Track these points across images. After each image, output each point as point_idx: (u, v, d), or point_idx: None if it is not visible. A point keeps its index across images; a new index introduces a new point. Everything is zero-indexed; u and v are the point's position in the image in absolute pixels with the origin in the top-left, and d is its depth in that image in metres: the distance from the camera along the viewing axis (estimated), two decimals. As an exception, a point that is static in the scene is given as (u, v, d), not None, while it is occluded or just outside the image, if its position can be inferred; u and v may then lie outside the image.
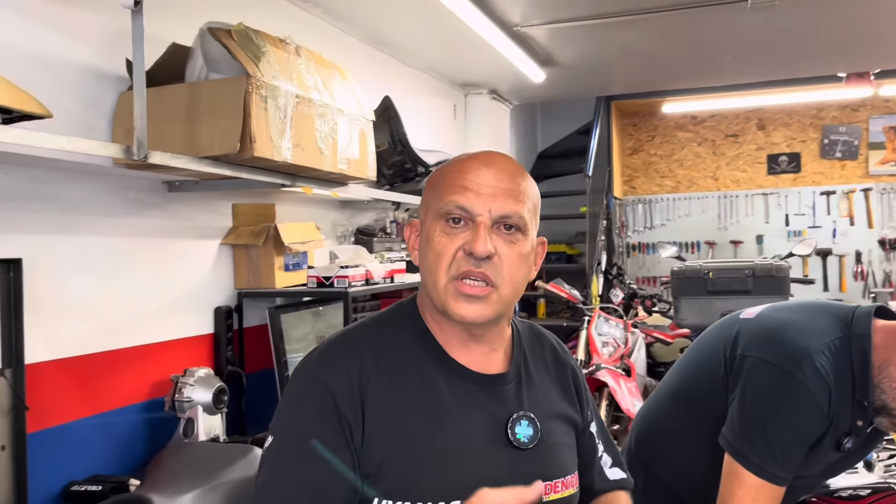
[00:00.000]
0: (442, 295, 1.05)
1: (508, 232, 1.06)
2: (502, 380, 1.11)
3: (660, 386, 1.97)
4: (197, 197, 2.66)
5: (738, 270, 3.40)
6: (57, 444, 2.13)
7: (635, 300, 5.51)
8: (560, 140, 7.38)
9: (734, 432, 1.59)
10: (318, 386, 1.03)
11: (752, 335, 1.65)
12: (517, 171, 1.09)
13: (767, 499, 1.55)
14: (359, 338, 1.10)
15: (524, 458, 1.07)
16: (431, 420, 1.04)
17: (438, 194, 1.07)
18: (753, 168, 7.02)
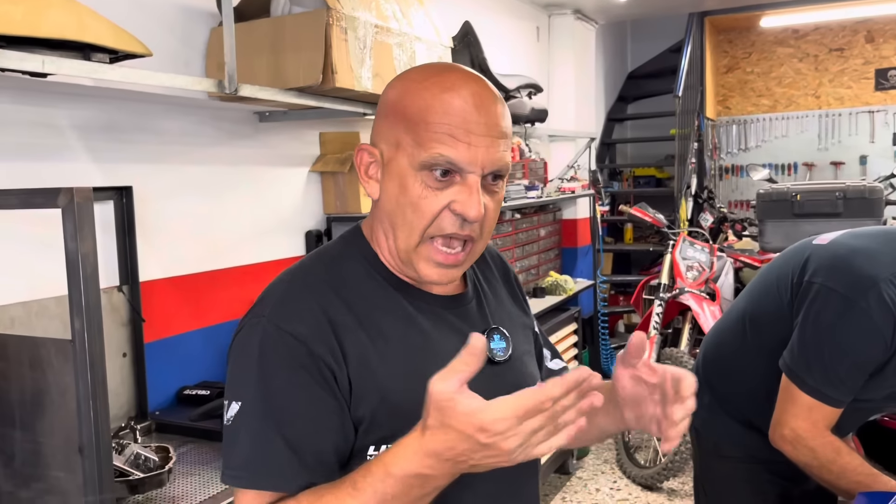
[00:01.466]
0: (412, 254, 0.96)
1: (494, 183, 0.96)
2: (464, 299, 1.06)
3: (729, 308, 2.01)
4: (286, 126, 2.80)
5: (828, 192, 3.29)
6: (170, 352, 2.38)
7: (725, 224, 5.41)
8: (651, 59, 7.14)
9: (793, 355, 1.63)
10: (284, 336, 0.91)
11: (821, 261, 1.65)
12: (501, 105, 0.96)
13: (820, 418, 1.59)
14: (314, 277, 0.98)
15: (501, 371, 1.03)
16: (416, 351, 0.96)
17: (419, 136, 0.92)
18: (859, 84, 6.62)
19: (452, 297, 1.05)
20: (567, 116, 4.85)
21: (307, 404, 0.90)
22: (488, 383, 0.87)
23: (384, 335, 0.96)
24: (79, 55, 1.53)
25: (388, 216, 0.98)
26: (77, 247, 1.37)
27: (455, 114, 0.91)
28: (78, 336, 1.39)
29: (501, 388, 0.85)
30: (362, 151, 1.00)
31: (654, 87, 7.07)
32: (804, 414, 1.61)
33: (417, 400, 0.82)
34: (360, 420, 0.93)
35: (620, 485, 4.08)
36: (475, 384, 0.83)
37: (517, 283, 1.23)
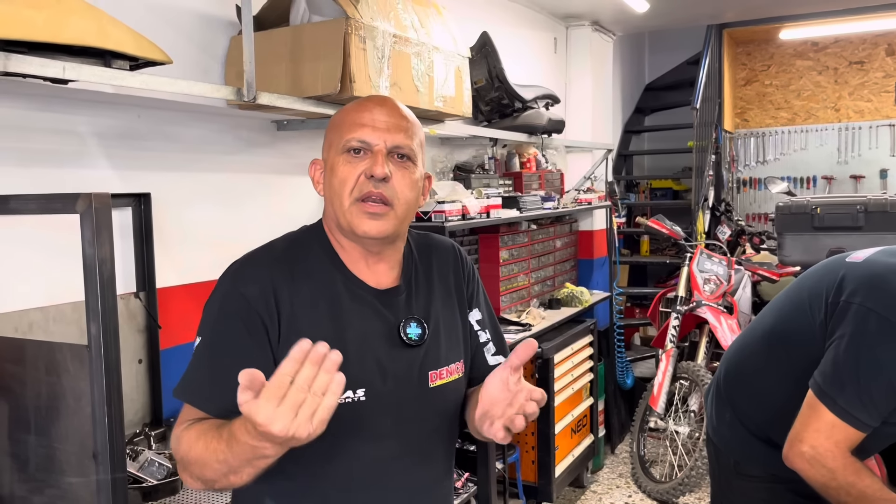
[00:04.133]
0: (347, 215, 1.21)
1: (401, 160, 1.23)
2: (395, 292, 1.28)
3: (753, 324, 1.96)
4: (303, 135, 2.81)
5: (849, 206, 3.25)
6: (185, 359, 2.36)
7: (743, 237, 5.36)
8: (669, 71, 7.12)
9: (825, 376, 1.58)
10: (237, 293, 1.19)
11: (857, 281, 1.61)
12: (405, 112, 1.27)
13: (842, 438, 1.54)
14: (274, 253, 1.26)
15: (414, 353, 1.26)
16: (337, 323, 1.21)
17: (341, 133, 1.24)
18: (879, 97, 6.56)
19: (385, 290, 1.28)
20: (584, 128, 4.84)
21: (236, 348, 1.15)
22: (399, 360, 1.24)
23: (316, 305, 1.21)
24: (99, 62, 1.54)
25: (329, 197, 1.26)
26: (94, 252, 1.37)
27: (365, 110, 1.24)
28: (94, 341, 1.39)
29: (411, 364, 1.25)
30: (313, 164, 1.32)
31: (672, 98, 7.04)
32: (826, 432, 1.55)
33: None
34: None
35: (635, 499, 4.03)
36: (394, 362, 1.24)
37: (463, 281, 1.40)
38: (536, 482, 3.53)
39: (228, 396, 1.02)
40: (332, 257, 1.28)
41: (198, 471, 1.08)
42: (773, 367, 1.81)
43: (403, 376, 1.25)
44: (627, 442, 4.74)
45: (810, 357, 1.67)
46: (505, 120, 3.42)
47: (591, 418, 4.19)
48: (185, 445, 1.11)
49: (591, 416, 4.19)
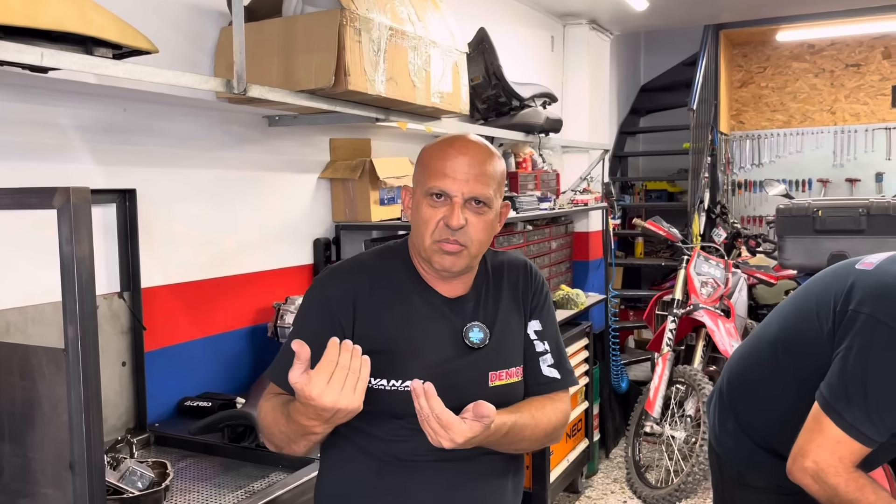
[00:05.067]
0: (428, 251, 1.37)
1: (477, 206, 1.37)
2: (463, 300, 1.44)
3: (757, 330, 1.90)
4: (295, 131, 2.73)
5: (851, 209, 3.20)
6: (171, 362, 2.30)
7: (738, 240, 5.30)
8: (664, 72, 7.07)
9: (831, 388, 1.52)
10: (323, 297, 1.41)
11: (867, 290, 1.54)
12: (486, 157, 1.39)
13: (847, 454, 1.49)
14: (361, 264, 1.45)
15: (476, 355, 1.41)
16: (407, 325, 1.39)
17: (427, 175, 1.38)
18: (876, 100, 6.53)
19: (454, 298, 1.44)
20: (581, 128, 4.77)
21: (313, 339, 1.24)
22: (467, 363, 1.40)
23: (390, 309, 1.40)
24: (81, 49, 1.46)
25: (413, 230, 1.43)
26: (72, 251, 1.29)
27: (448, 158, 1.37)
28: (71, 345, 1.31)
29: (476, 367, 1.41)
30: (405, 190, 1.50)
31: (667, 100, 6.99)
32: (831, 447, 1.50)
33: (397, 353, 1.37)
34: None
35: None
36: (458, 363, 1.40)
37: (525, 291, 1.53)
38: (531, 488, 3.46)
39: None
40: (411, 270, 1.45)
41: (269, 436, 1.36)
42: (778, 375, 1.74)
43: (464, 374, 1.39)
44: (622, 446, 4.68)
45: (817, 366, 1.61)
46: (502, 118, 3.35)
47: (587, 422, 4.13)
48: (262, 414, 1.38)
49: (587, 421, 4.13)
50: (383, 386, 1.36)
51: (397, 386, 1.36)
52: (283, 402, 1.33)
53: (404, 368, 1.36)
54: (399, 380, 1.36)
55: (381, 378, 1.36)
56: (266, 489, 1.73)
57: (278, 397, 1.37)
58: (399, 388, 1.36)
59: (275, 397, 1.38)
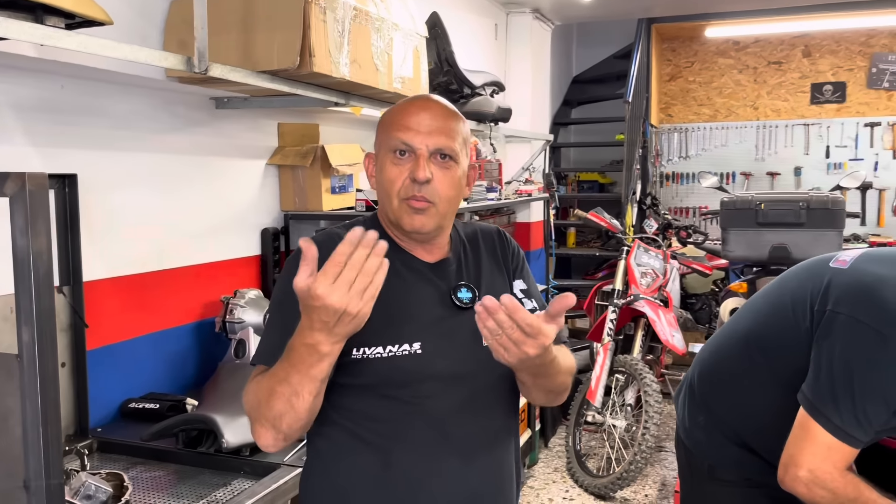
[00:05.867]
0: (396, 212, 1.32)
1: (443, 160, 1.31)
2: (445, 263, 1.39)
3: (729, 326, 1.90)
4: (243, 115, 2.58)
5: (792, 202, 3.28)
6: (114, 361, 2.13)
7: (669, 231, 5.42)
8: (596, 64, 7.15)
9: (815, 391, 1.52)
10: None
11: (844, 289, 1.54)
12: (450, 113, 1.34)
13: (839, 458, 1.49)
14: (338, 234, 1.29)
15: (466, 314, 1.32)
16: (395, 289, 1.28)
17: (388, 133, 1.33)
18: (796, 97, 6.79)
19: (436, 262, 1.39)
20: (523, 117, 4.75)
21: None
22: (452, 320, 1.33)
23: None
24: (30, 17, 1.30)
25: (380, 195, 1.37)
26: (28, 243, 1.15)
27: (410, 114, 1.32)
28: (27, 350, 1.17)
29: (465, 326, 1.27)
30: (368, 157, 1.42)
31: (598, 92, 7.08)
32: (823, 454, 1.49)
33: (388, 318, 1.26)
34: None
35: (573, 494, 4.00)
36: (447, 322, 1.33)
37: (504, 253, 1.50)
38: (479, 481, 3.42)
39: None
40: (388, 239, 1.33)
41: (265, 410, 1.17)
42: (751, 372, 1.74)
43: (457, 335, 1.32)
44: (560, 436, 4.71)
45: (793, 364, 1.61)
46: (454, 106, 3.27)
47: (529, 412, 4.12)
48: (249, 395, 1.23)
49: (529, 411, 4.12)
50: (380, 354, 1.27)
51: (395, 351, 1.28)
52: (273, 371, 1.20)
53: (399, 332, 1.29)
54: (396, 344, 1.28)
55: (376, 345, 1.27)
56: (233, 499, 1.61)
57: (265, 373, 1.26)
58: (398, 352, 1.28)
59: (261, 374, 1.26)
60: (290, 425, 1.17)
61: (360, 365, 1.26)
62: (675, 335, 3.97)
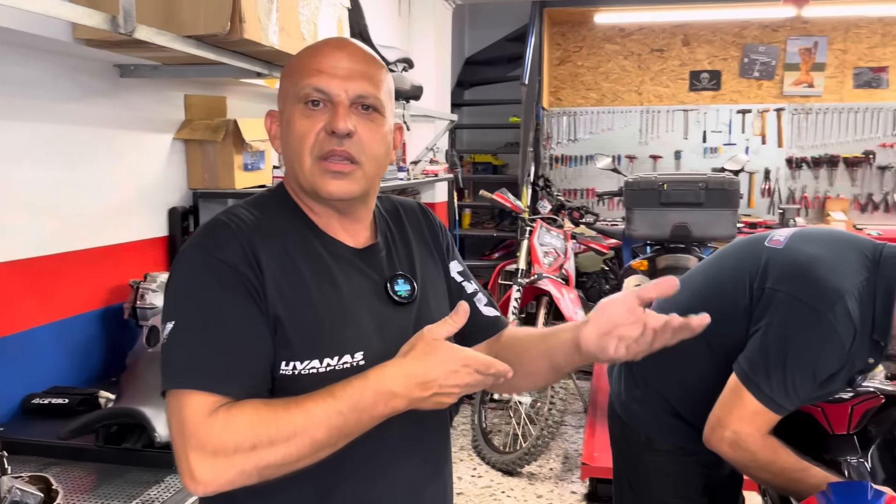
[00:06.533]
0: (309, 176, 1.10)
1: (366, 112, 1.11)
2: (374, 249, 1.19)
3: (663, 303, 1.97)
4: (149, 84, 2.39)
5: (692, 183, 3.45)
6: (12, 354, 1.93)
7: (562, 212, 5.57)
8: (488, 46, 7.20)
9: (751, 362, 1.61)
10: (214, 261, 1.05)
11: (782, 269, 1.65)
12: (371, 56, 1.15)
13: (763, 423, 1.60)
14: (243, 219, 1.11)
15: (405, 311, 1.18)
16: (324, 285, 1.10)
17: (295, 81, 1.11)
18: (676, 84, 7.12)
19: (364, 248, 1.18)
20: (427, 97, 4.70)
21: (239, 317, 1.02)
22: (392, 319, 1.15)
23: (297, 269, 1.09)
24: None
25: (288, 156, 1.14)
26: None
27: (324, 55, 1.11)
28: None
29: (404, 324, 1.15)
30: (268, 116, 1.19)
31: (490, 74, 7.15)
32: (749, 419, 1.60)
33: (322, 324, 1.07)
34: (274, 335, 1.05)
35: (481, 471, 4.04)
36: (387, 322, 1.14)
37: (438, 235, 1.32)
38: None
39: (252, 369, 1.02)
40: (302, 218, 1.17)
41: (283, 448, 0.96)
42: (689, 346, 1.81)
43: (399, 336, 1.11)
44: (463, 414, 4.76)
45: (731, 339, 1.70)
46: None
47: (437, 393, 4.12)
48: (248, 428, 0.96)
49: (437, 391, 4.12)
50: (315, 369, 1.06)
51: (334, 365, 1.07)
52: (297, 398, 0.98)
53: (337, 340, 1.08)
54: (335, 356, 1.07)
55: (310, 358, 1.06)
56: (172, 497, 1.50)
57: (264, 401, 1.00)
58: (337, 366, 1.07)
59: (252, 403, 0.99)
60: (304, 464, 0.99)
61: (290, 382, 1.04)
62: (578, 312, 4.08)
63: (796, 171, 6.92)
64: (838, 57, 6.79)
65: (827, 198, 6.85)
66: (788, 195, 6.94)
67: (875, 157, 6.71)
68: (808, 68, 6.83)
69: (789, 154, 6.91)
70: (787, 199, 6.93)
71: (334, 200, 1.13)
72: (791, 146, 6.91)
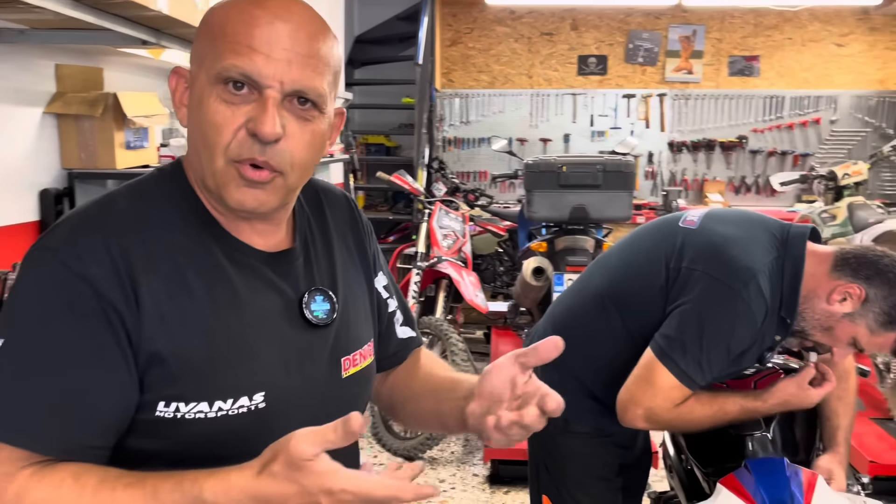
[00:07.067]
0: (219, 177, 0.89)
1: (303, 107, 0.89)
2: (289, 256, 0.99)
3: (581, 284, 1.96)
4: (14, 51, 2.14)
5: (590, 165, 3.49)
6: None
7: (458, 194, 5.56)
8: (379, 24, 7.05)
9: (668, 339, 1.63)
10: (67, 275, 0.84)
11: (698, 249, 1.68)
12: (318, 29, 0.90)
13: (677, 398, 1.63)
14: (116, 213, 0.90)
15: (320, 336, 0.98)
16: (221, 307, 0.90)
17: (217, 49, 0.87)
18: (565, 68, 7.24)
19: (276, 253, 0.97)
20: (320, 74, 4.54)
21: (86, 354, 0.83)
22: (304, 348, 0.94)
23: (187, 286, 0.88)
24: None
25: (194, 140, 0.91)
26: None
27: (259, 24, 0.85)
28: None
29: (317, 352, 0.96)
30: (175, 74, 0.94)
31: (382, 53, 7.02)
32: (663, 394, 1.63)
33: (216, 358, 0.87)
34: (149, 372, 0.86)
35: (382, 458, 3.98)
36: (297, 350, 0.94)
37: (364, 240, 1.13)
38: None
39: (85, 423, 0.82)
40: (199, 213, 0.94)
41: None
42: (606, 328, 1.83)
43: (311, 367, 0.96)
44: (362, 401, 4.67)
45: (648, 320, 1.72)
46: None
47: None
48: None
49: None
50: (203, 413, 0.87)
51: (227, 410, 0.88)
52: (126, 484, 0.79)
53: (231, 380, 0.89)
54: (230, 398, 0.88)
55: (198, 400, 0.87)
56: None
57: (61, 470, 0.81)
58: (231, 411, 0.88)
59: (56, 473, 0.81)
60: None
61: (169, 426, 0.87)
62: (478, 295, 4.07)
63: (677, 154, 7.21)
64: (715, 45, 7.11)
65: (705, 180, 7.18)
66: (670, 178, 7.22)
67: (748, 141, 7.09)
68: (688, 55, 7.11)
69: (671, 138, 7.18)
70: (668, 181, 7.21)
71: (242, 212, 0.92)
72: (672, 130, 7.18)
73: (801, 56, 7.01)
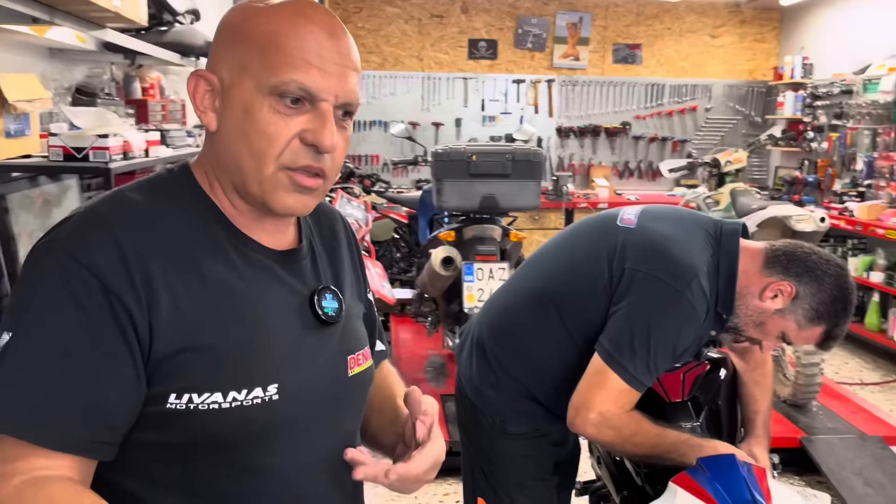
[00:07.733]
0: (266, 184, 0.91)
1: (344, 119, 0.94)
2: (297, 255, 1.02)
3: (517, 282, 1.92)
4: None
5: (500, 155, 3.46)
6: None
7: (353, 179, 5.42)
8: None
9: (615, 343, 1.62)
10: (76, 267, 0.84)
11: (638, 249, 1.67)
12: (350, 38, 0.96)
13: (627, 402, 1.63)
14: (127, 208, 0.91)
15: (330, 333, 1.02)
16: (236, 299, 0.92)
17: (269, 60, 0.89)
18: (456, 51, 7.21)
19: (285, 252, 1.00)
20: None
21: (92, 347, 0.83)
22: (315, 343, 0.98)
23: (203, 278, 0.90)
24: None
25: (229, 149, 0.92)
26: None
27: (310, 39, 0.89)
28: None
29: (328, 348, 0.99)
30: (198, 78, 0.92)
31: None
32: (614, 399, 1.62)
33: (233, 349, 0.89)
34: (161, 365, 0.87)
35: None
36: (308, 345, 0.97)
37: (354, 251, 1.16)
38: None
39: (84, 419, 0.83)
40: (210, 208, 0.95)
41: None
42: (544, 328, 1.80)
43: (321, 363, 0.98)
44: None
45: (588, 320, 1.70)
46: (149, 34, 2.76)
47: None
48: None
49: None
50: (217, 404, 0.87)
51: (241, 400, 0.89)
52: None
53: (247, 368, 0.90)
54: (244, 389, 0.89)
55: (212, 390, 0.87)
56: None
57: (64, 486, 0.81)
58: (245, 401, 0.89)
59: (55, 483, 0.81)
60: None
61: (180, 418, 0.87)
62: (385, 285, 3.98)
63: (565, 139, 7.38)
64: (600, 33, 7.29)
65: (591, 165, 7.39)
66: (559, 163, 7.38)
67: (631, 127, 7.35)
68: (575, 42, 7.26)
69: (559, 123, 7.33)
70: (557, 166, 7.36)
71: (287, 215, 0.96)
72: (560, 116, 7.33)
73: (679, 46, 7.32)
